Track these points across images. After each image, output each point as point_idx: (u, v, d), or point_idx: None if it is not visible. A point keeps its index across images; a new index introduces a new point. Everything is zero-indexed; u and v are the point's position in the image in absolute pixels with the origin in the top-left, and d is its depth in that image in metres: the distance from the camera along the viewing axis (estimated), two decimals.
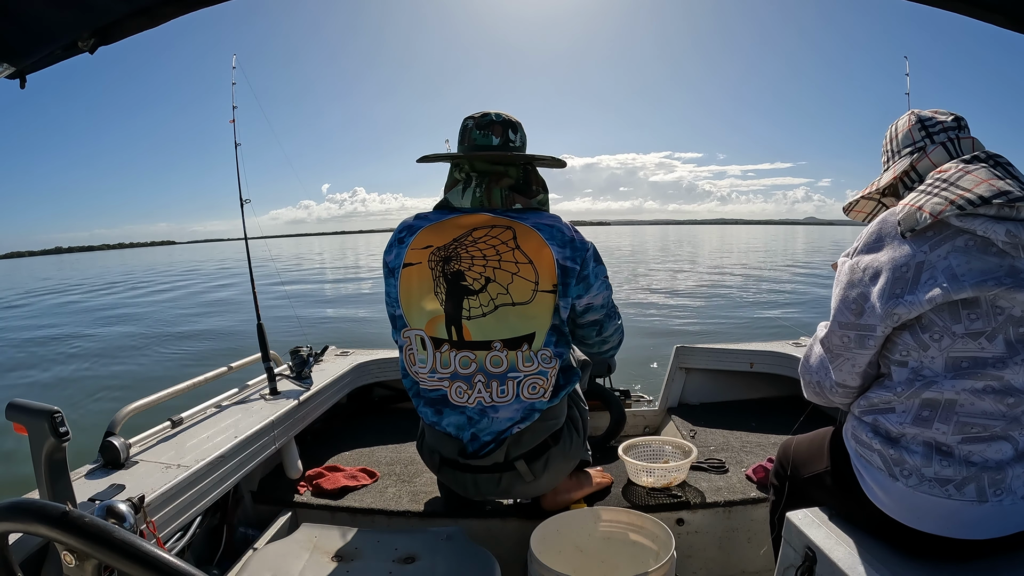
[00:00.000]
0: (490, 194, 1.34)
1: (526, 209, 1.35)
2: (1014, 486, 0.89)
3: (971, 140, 1.01)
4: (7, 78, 1.06)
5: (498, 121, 1.37)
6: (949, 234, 0.90)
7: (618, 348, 1.56)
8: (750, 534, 1.53)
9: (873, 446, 0.99)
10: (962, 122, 1.03)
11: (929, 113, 1.06)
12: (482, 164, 1.36)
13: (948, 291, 0.87)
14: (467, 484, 1.39)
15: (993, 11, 1.01)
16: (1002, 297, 0.87)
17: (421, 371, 1.35)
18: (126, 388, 5.77)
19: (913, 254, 0.91)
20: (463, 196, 1.36)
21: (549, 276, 1.28)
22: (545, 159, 1.40)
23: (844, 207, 1.23)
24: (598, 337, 1.45)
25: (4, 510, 0.52)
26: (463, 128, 1.39)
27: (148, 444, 1.42)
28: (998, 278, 0.86)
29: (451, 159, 1.39)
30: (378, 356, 2.34)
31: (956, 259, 0.88)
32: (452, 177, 1.40)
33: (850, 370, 1.02)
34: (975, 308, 0.89)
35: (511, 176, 1.38)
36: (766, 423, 2.06)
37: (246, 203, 1.94)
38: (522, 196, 1.36)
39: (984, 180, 0.90)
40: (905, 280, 0.91)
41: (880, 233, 0.97)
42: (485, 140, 1.36)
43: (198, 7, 1.00)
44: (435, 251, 1.32)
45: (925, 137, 1.04)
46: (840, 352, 1.02)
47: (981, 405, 0.90)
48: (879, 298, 0.93)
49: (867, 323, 0.96)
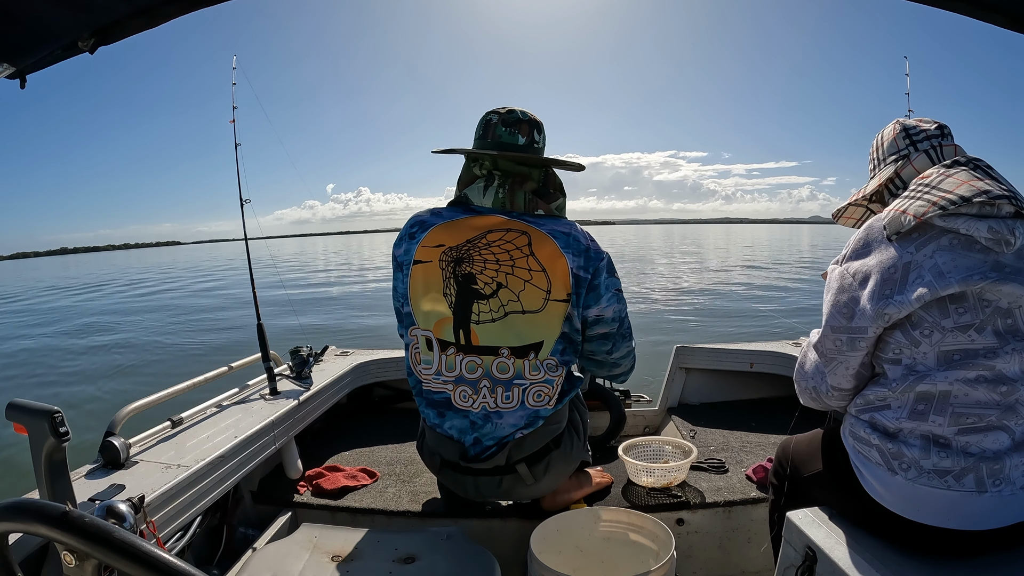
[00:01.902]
0: (513, 196, 1.30)
1: (543, 215, 1.32)
2: (1012, 476, 0.91)
3: (953, 147, 1.04)
4: (7, 78, 1.06)
5: (525, 120, 1.33)
6: (933, 234, 0.93)
7: (629, 374, 1.48)
8: (750, 534, 1.53)
9: (871, 442, 1.00)
10: (945, 130, 1.07)
11: (913, 122, 1.09)
12: (506, 163, 1.32)
13: (935, 288, 0.90)
14: (467, 486, 1.38)
15: (993, 11, 1.02)
16: (988, 291, 0.90)
17: (426, 372, 1.33)
18: (126, 389, 5.78)
19: (900, 256, 0.94)
20: (484, 195, 1.31)
21: (563, 285, 1.25)
22: (567, 163, 1.37)
23: (833, 213, 1.26)
24: (608, 356, 1.38)
25: (4, 510, 0.52)
26: (485, 123, 1.34)
27: (148, 444, 1.42)
28: (983, 272, 0.89)
29: (474, 154, 1.34)
30: (378, 356, 2.34)
31: (942, 257, 0.91)
32: (470, 172, 1.35)
33: (844, 372, 1.05)
34: (962, 302, 0.91)
35: (534, 179, 1.35)
36: (766, 423, 2.06)
37: (246, 203, 1.94)
38: (543, 201, 1.33)
39: (965, 182, 0.93)
40: (894, 281, 0.94)
41: (867, 239, 1.00)
42: (511, 139, 1.32)
43: (198, 7, 1.00)
44: (447, 251, 1.29)
45: (909, 145, 1.07)
46: (834, 356, 1.04)
47: (975, 395, 0.92)
48: (869, 300, 0.96)
49: (858, 325, 0.98)
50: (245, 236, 2.02)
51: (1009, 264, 0.90)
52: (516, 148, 1.32)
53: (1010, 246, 0.89)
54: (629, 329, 1.41)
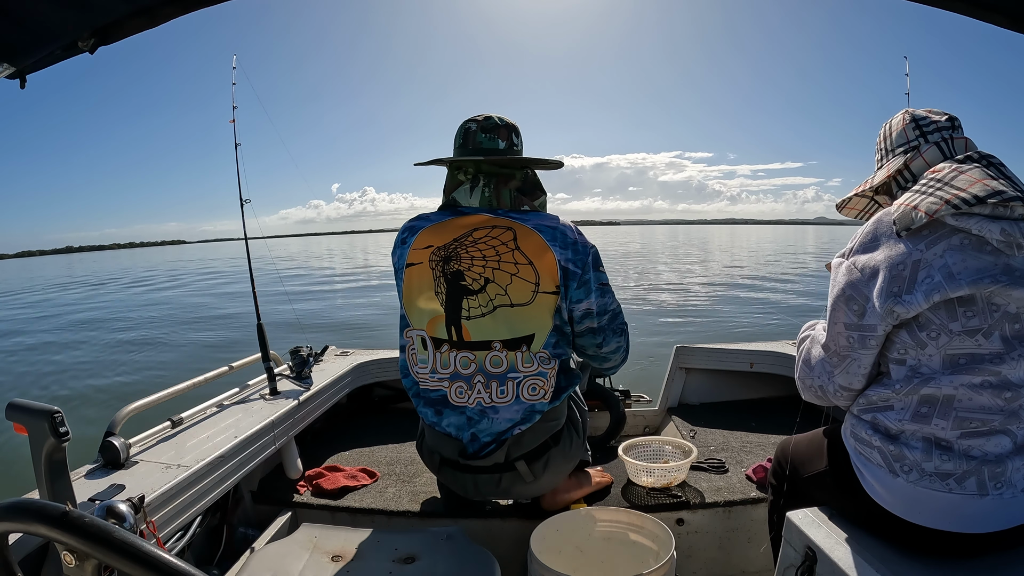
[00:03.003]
0: (499, 194, 1.35)
1: (528, 211, 1.36)
2: (1014, 479, 0.90)
3: (964, 140, 1.01)
4: (7, 78, 1.06)
5: (502, 125, 1.37)
6: (944, 233, 0.91)
7: (619, 367, 1.52)
8: (750, 534, 1.53)
9: (873, 443, 0.99)
10: (956, 122, 1.04)
11: (923, 112, 1.06)
12: (488, 167, 1.36)
13: (945, 289, 0.88)
14: (467, 484, 1.39)
15: (993, 11, 1.02)
16: (998, 295, 0.88)
17: (422, 371, 1.35)
18: (127, 388, 5.78)
19: (909, 252, 0.92)
20: (471, 195, 1.36)
21: (551, 278, 1.28)
22: (547, 161, 1.40)
23: (837, 204, 1.24)
24: (599, 350, 1.41)
25: (4, 510, 0.52)
26: (465, 131, 1.38)
27: (148, 444, 1.42)
28: (994, 276, 0.87)
29: (455, 163, 1.38)
30: (378, 356, 2.34)
31: (952, 257, 0.89)
32: (455, 179, 1.39)
33: (856, 371, 1.02)
34: (971, 306, 0.90)
35: (517, 179, 1.38)
36: (766, 423, 2.06)
37: (246, 203, 1.95)
38: (527, 198, 1.37)
39: (978, 180, 0.91)
40: (902, 278, 0.92)
41: (876, 233, 0.97)
42: (492, 144, 1.35)
43: (198, 7, 1.00)
44: (435, 251, 1.33)
45: (919, 136, 1.04)
46: (847, 353, 1.01)
47: (979, 400, 0.91)
48: (878, 297, 0.94)
49: (869, 323, 0.96)
50: (245, 236, 2.02)
51: (1019, 268, 0.88)
52: (497, 152, 1.35)
53: (1021, 249, 0.88)
54: (622, 325, 1.43)
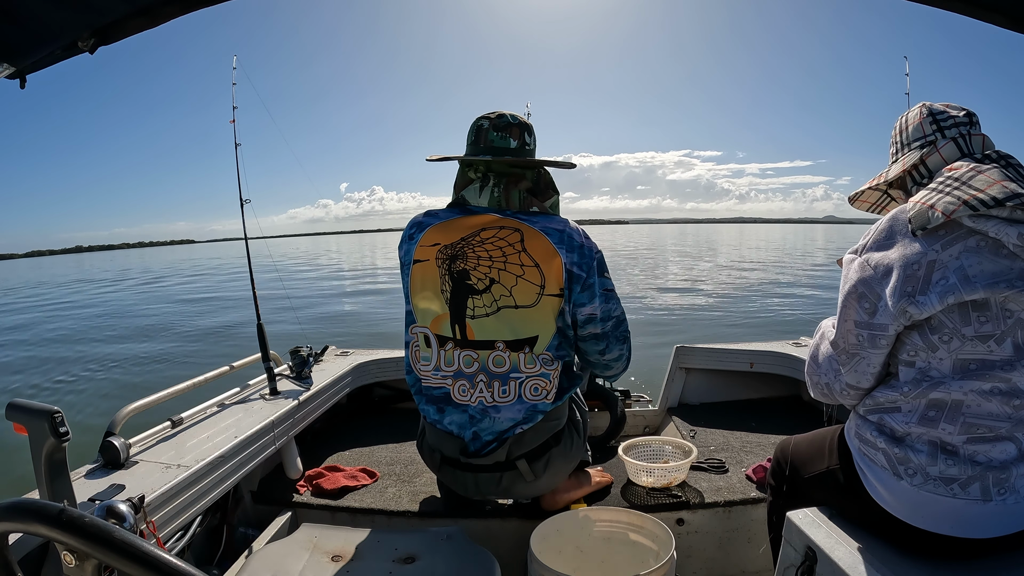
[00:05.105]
0: (508, 195, 1.34)
1: (537, 212, 1.35)
2: (1018, 485, 0.89)
3: (982, 137, 0.99)
4: (7, 78, 1.06)
5: (515, 123, 1.35)
6: (961, 234, 0.89)
7: (621, 374, 1.52)
8: (750, 534, 1.53)
9: (878, 445, 0.98)
10: (973, 118, 1.01)
11: (941, 107, 1.03)
12: (500, 166, 1.35)
13: (960, 291, 0.86)
14: (467, 483, 1.39)
15: (993, 11, 1.01)
16: (1012, 300, 0.87)
17: (425, 368, 1.35)
18: (127, 387, 5.78)
19: (924, 252, 0.90)
20: (480, 194, 1.35)
21: (556, 280, 1.28)
22: (559, 162, 1.40)
23: (850, 197, 1.22)
24: (600, 357, 1.41)
25: (4, 510, 0.52)
26: (477, 129, 1.36)
27: (148, 444, 1.42)
28: (1010, 280, 0.86)
29: (469, 160, 1.36)
30: (378, 356, 2.34)
31: (968, 259, 0.87)
32: (466, 176, 1.38)
33: (865, 370, 1.00)
34: (985, 311, 0.88)
35: (528, 179, 1.37)
36: (766, 423, 2.06)
37: (247, 203, 1.95)
38: (537, 199, 1.36)
39: (997, 181, 0.88)
40: (916, 278, 0.90)
41: (891, 230, 0.95)
42: (503, 143, 1.34)
43: (198, 7, 1.00)
44: (443, 249, 1.32)
45: (936, 131, 1.01)
46: (856, 351, 1.00)
47: (988, 406, 0.90)
48: (891, 296, 0.92)
49: (880, 322, 0.95)
50: (245, 236, 2.03)
51: None
52: (509, 152, 1.34)
53: None
54: (625, 332, 1.42)
